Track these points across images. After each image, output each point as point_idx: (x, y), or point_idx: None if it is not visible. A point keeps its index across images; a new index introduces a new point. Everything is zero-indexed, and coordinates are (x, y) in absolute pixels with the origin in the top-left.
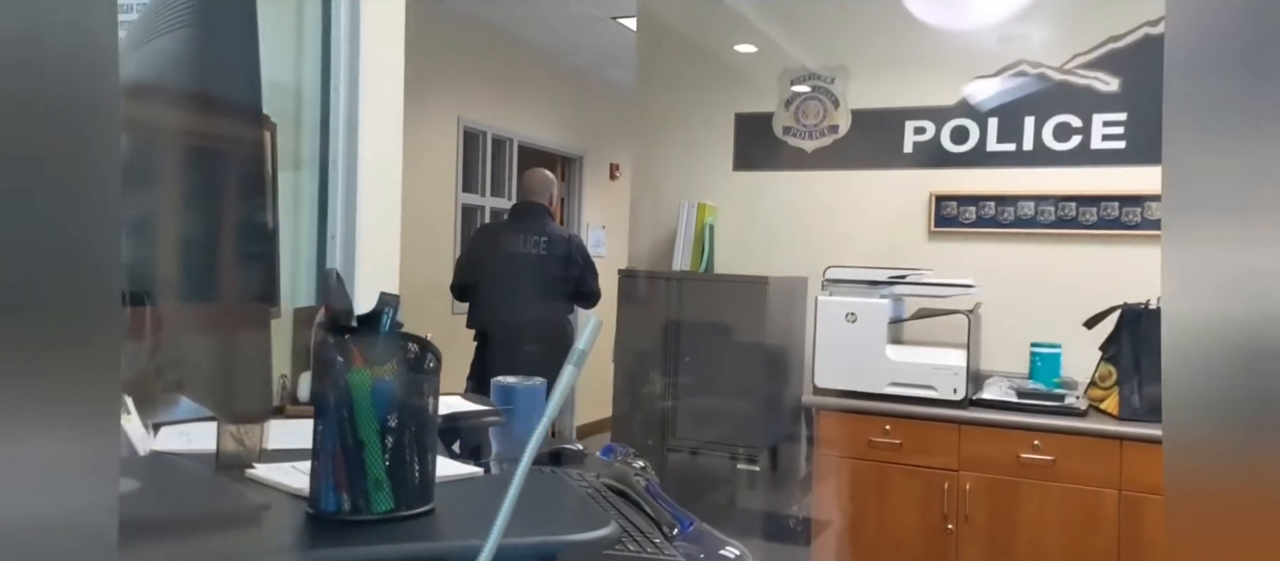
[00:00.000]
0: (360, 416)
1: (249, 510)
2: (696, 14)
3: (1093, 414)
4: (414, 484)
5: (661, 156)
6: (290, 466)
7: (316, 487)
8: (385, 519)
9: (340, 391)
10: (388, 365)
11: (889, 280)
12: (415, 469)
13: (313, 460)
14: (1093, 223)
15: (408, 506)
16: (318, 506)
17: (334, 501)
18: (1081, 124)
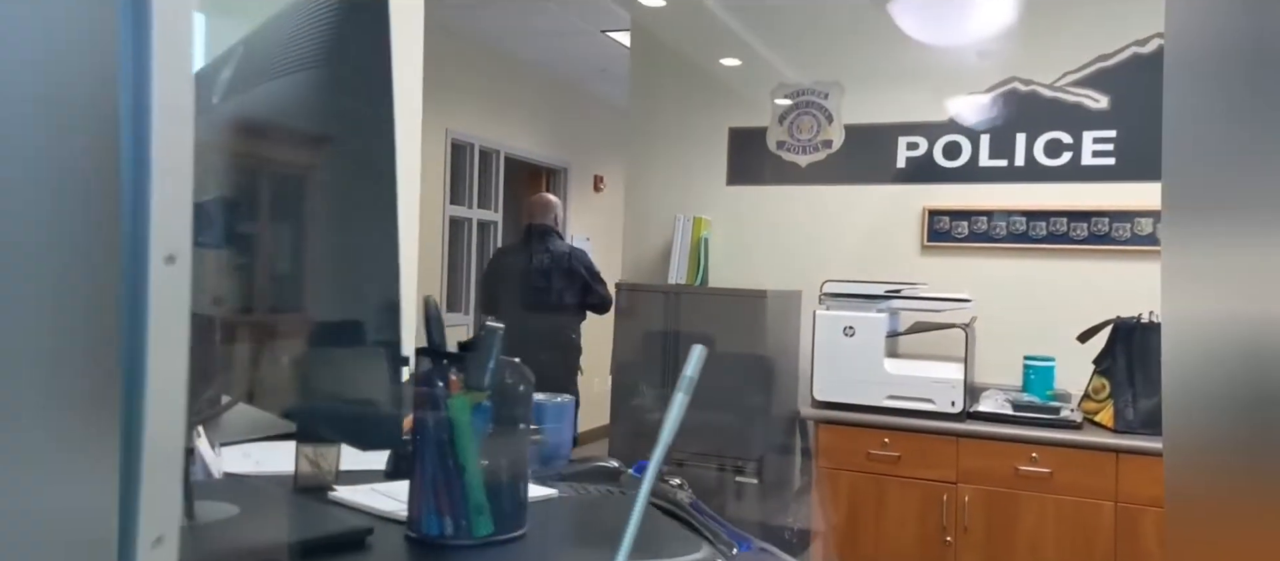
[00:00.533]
0: (460, 441)
1: (355, 534)
2: (690, 29)
3: (1087, 426)
4: (510, 507)
5: (655, 170)
6: (369, 489)
7: (417, 511)
8: (485, 543)
9: (440, 417)
10: (484, 390)
11: (886, 294)
12: (511, 493)
13: (412, 484)
14: (1083, 238)
15: (505, 530)
16: (420, 530)
17: (437, 525)
18: (1072, 141)
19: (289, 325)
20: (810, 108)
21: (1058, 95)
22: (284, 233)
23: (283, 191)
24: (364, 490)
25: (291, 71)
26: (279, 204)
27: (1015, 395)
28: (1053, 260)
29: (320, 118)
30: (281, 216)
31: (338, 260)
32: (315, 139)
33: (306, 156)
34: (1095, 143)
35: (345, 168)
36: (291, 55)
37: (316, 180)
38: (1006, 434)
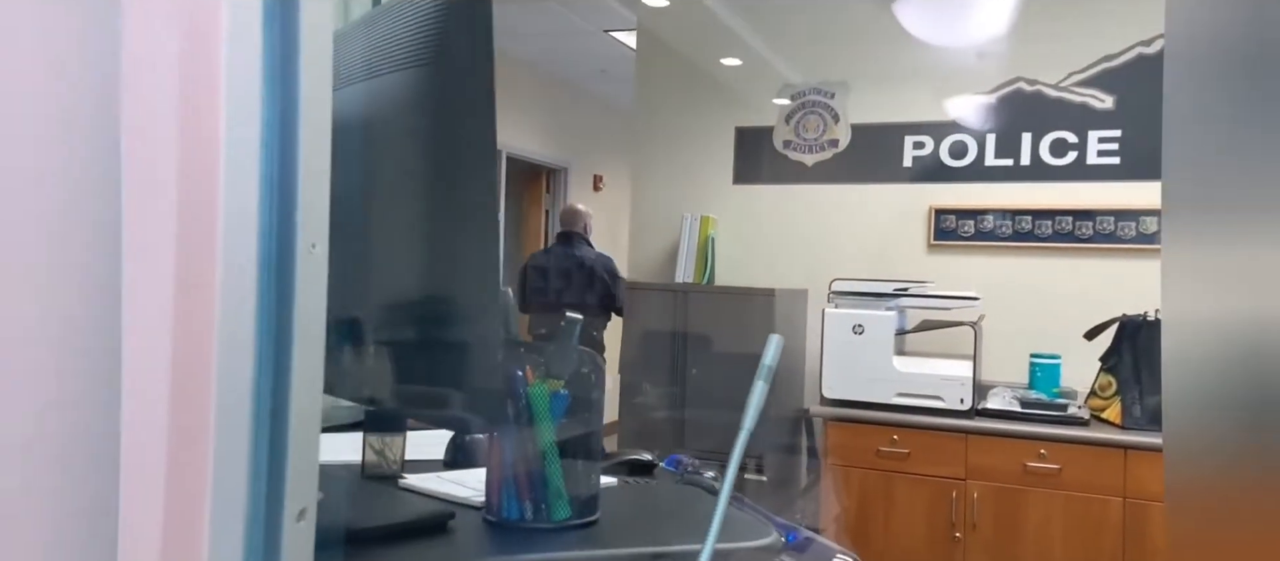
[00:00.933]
0: (540, 428)
1: (440, 517)
2: (695, 29)
3: (1094, 423)
4: (585, 492)
5: (661, 170)
6: (436, 477)
7: (496, 496)
8: (563, 527)
9: (521, 404)
10: (561, 379)
11: (894, 292)
12: (585, 478)
13: (489, 469)
14: (1089, 237)
15: (581, 514)
16: (500, 514)
17: (517, 509)
18: (1078, 140)
19: (391, 316)
20: (816, 107)
21: (1063, 95)
22: (388, 227)
23: (386, 186)
24: (431, 478)
25: (395, 70)
26: (382, 199)
27: (1022, 392)
28: (1058, 259)
29: (425, 114)
30: (385, 211)
31: (441, 252)
32: (420, 134)
33: (411, 151)
34: (1100, 142)
35: (448, 162)
36: (394, 54)
37: (419, 175)
38: (1015, 431)
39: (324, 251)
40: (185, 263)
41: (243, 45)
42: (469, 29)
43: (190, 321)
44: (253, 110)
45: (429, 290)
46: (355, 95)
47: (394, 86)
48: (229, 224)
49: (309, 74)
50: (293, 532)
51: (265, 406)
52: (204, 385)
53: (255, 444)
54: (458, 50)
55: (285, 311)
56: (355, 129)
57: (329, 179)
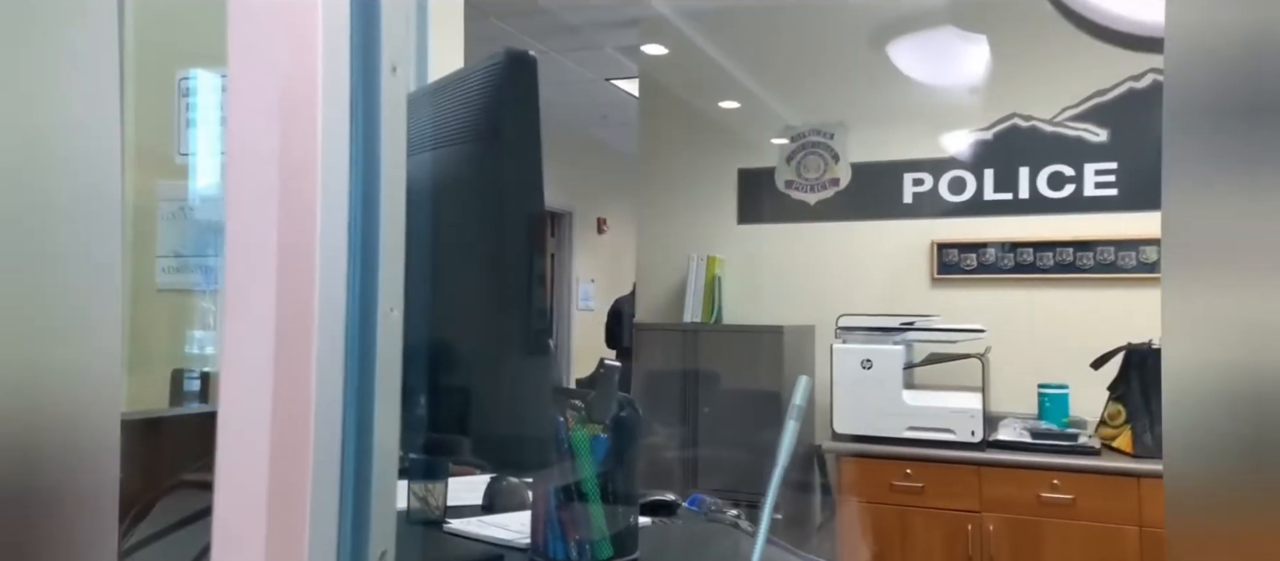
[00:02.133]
0: (583, 471)
1: (490, 557)
2: (695, 75)
3: (1106, 452)
4: (625, 532)
5: (666, 212)
6: (477, 521)
7: (542, 537)
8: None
9: (563, 449)
10: (602, 423)
11: (901, 326)
12: (625, 518)
13: (534, 511)
14: (1090, 267)
15: (622, 553)
16: (546, 554)
17: (562, 550)
18: (1074, 173)
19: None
20: (816, 147)
21: (1058, 129)
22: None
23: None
24: (474, 522)
25: (449, 144)
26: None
27: (1032, 423)
28: (1061, 289)
29: (477, 184)
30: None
31: (491, 310)
32: (473, 202)
33: (464, 217)
34: (1097, 174)
35: (499, 226)
36: (448, 128)
37: (474, 239)
38: (1027, 461)
39: (400, 315)
40: (284, 325)
41: (333, 135)
42: (516, 101)
43: (289, 377)
44: (341, 189)
45: (482, 348)
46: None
47: (448, 159)
48: (324, 290)
49: (387, 155)
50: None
51: (351, 456)
52: (303, 437)
53: (343, 490)
54: (507, 122)
55: (368, 368)
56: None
57: (403, 250)
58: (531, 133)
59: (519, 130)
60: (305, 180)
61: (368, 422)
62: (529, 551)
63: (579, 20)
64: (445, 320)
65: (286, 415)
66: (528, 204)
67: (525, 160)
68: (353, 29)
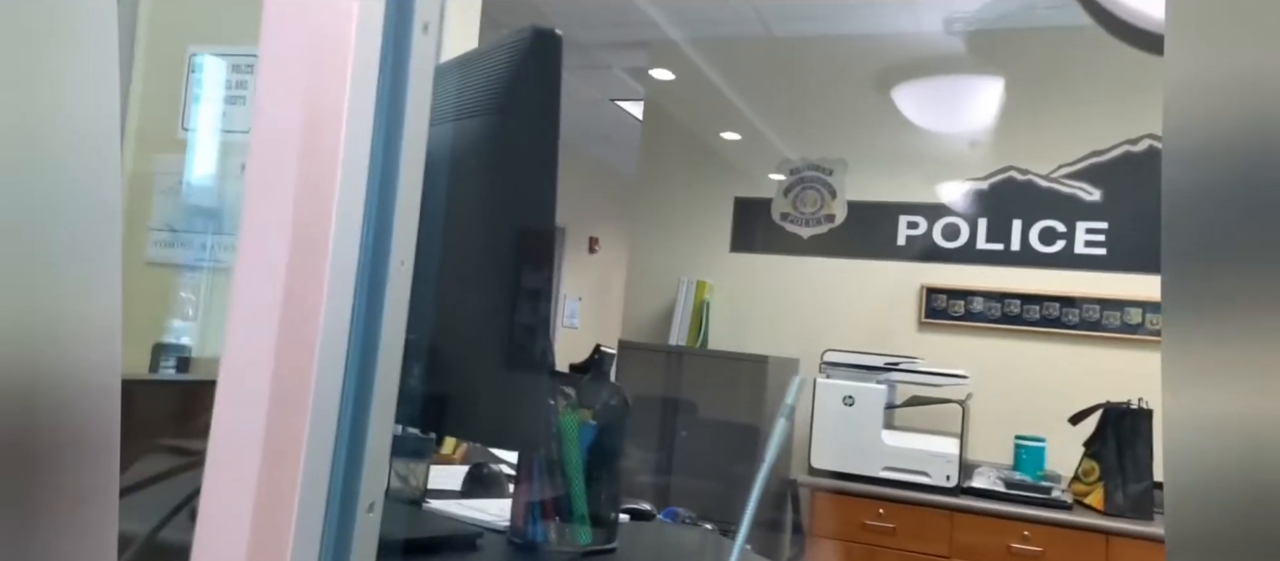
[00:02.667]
0: (569, 456)
1: (470, 535)
2: (699, 103)
3: (1078, 507)
4: (606, 521)
5: (661, 234)
6: (456, 503)
7: (522, 518)
8: (584, 551)
9: (552, 432)
10: (591, 410)
11: (885, 366)
12: (607, 506)
13: (516, 493)
14: (1075, 323)
15: (601, 541)
16: (526, 536)
17: (542, 533)
18: (1066, 230)
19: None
20: (814, 182)
21: (1053, 186)
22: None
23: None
24: (453, 504)
25: (471, 115)
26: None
27: (1007, 473)
28: (1045, 343)
29: (494, 157)
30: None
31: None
32: (488, 174)
33: (478, 189)
34: (1088, 233)
35: (512, 200)
36: (471, 99)
37: (484, 211)
38: (999, 511)
39: (410, 268)
40: (297, 265)
41: (361, 85)
42: (539, 80)
43: (297, 320)
44: (365, 136)
45: (484, 320)
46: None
47: (470, 129)
48: (339, 235)
49: (412, 110)
50: (364, 522)
51: (350, 405)
52: (305, 379)
53: (339, 434)
54: (527, 100)
55: (375, 318)
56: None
57: (419, 204)
58: (552, 109)
59: (540, 106)
60: (330, 122)
61: (370, 369)
62: (508, 533)
63: (589, 39)
64: (449, 289)
65: (291, 350)
66: (542, 178)
67: (544, 136)
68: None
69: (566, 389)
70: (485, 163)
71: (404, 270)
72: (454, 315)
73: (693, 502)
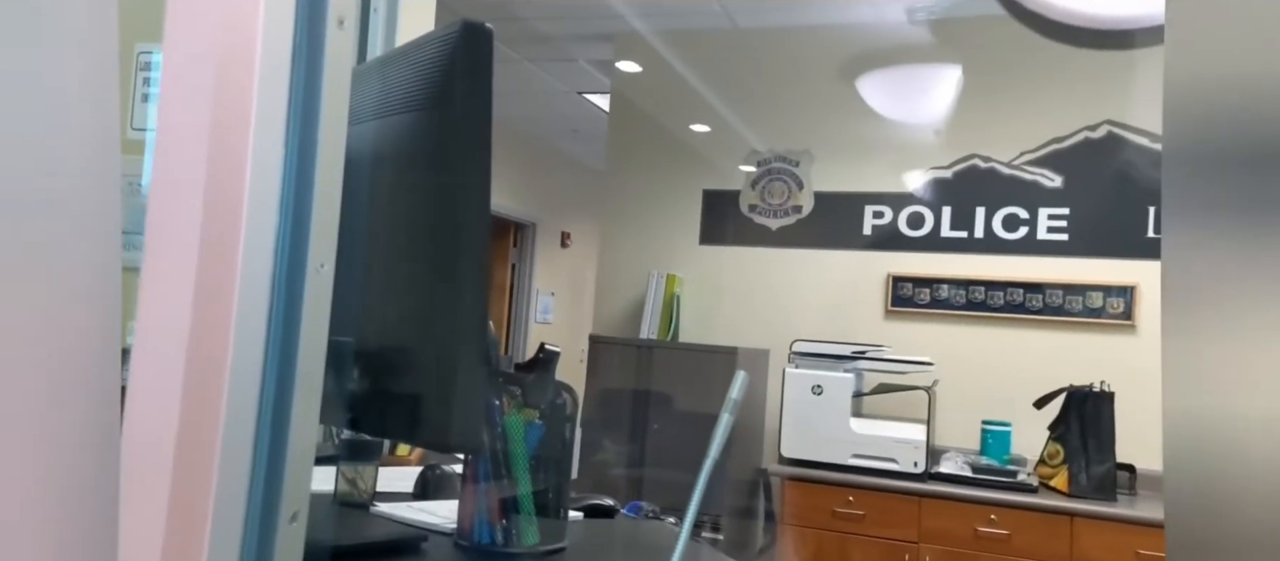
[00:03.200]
0: (515, 456)
1: (414, 537)
2: (667, 95)
3: (1043, 490)
4: (554, 520)
5: (630, 228)
6: (406, 506)
7: (469, 520)
8: (532, 552)
9: (496, 433)
10: (537, 409)
11: (853, 355)
12: (555, 506)
13: (463, 494)
14: (1038, 309)
15: (549, 540)
16: (471, 537)
17: (488, 534)
18: (1028, 216)
19: (381, 342)
20: (781, 174)
21: (1015, 173)
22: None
23: (385, 220)
24: (402, 506)
25: (401, 111)
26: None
27: (974, 458)
28: (1009, 329)
29: (426, 154)
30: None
31: (431, 285)
32: (419, 172)
33: (410, 187)
34: (1050, 219)
35: (444, 199)
36: (401, 95)
37: (416, 210)
38: (966, 495)
39: (330, 271)
40: (207, 269)
41: (272, 80)
42: (470, 75)
43: (207, 325)
44: (277, 136)
45: (419, 320)
46: (364, 133)
47: (400, 126)
48: (250, 238)
49: (328, 108)
50: (286, 533)
51: (268, 412)
52: (217, 387)
53: (257, 447)
54: (458, 95)
55: (293, 324)
56: (361, 164)
57: (339, 206)
58: (483, 104)
59: (471, 101)
60: (239, 121)
61: (289, 374)
62: (454, 535)
63: (554, 31)
64: (382, 290)
65: (202, 361)
66: (475, 174)
67: (476, 131)
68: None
69: (512, 388)
70: (417, 160)
71: (324, 273)
72: (389, 316)
73: (665, 496)
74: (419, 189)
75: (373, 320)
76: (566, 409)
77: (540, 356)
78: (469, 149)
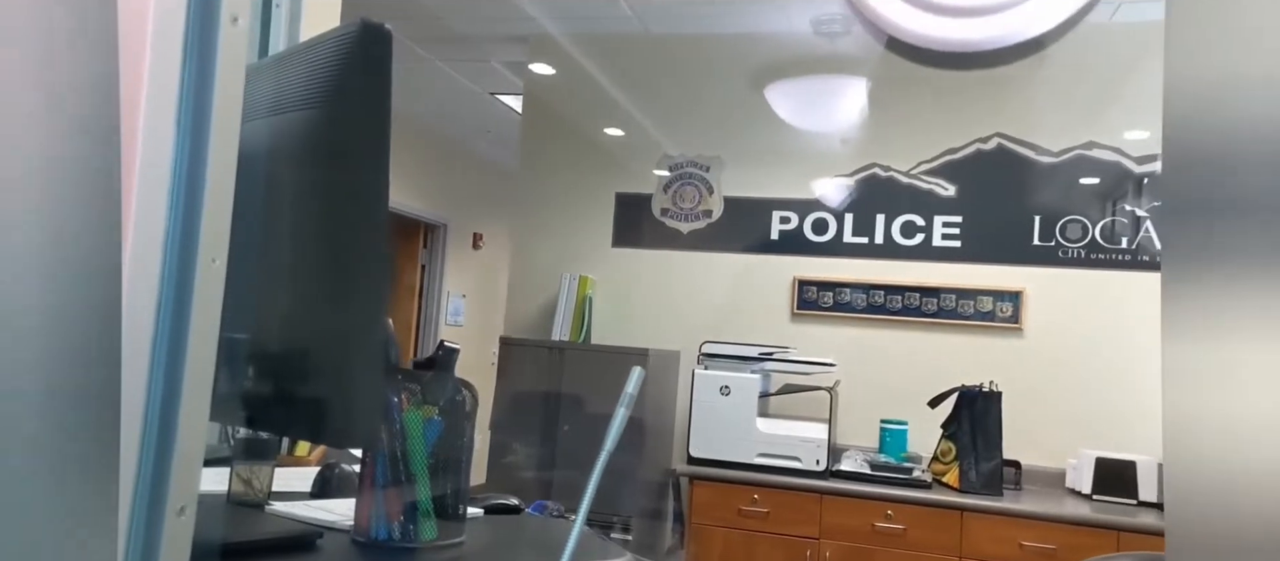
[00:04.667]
0: (413, 452)
1: (307, 535)
2: (580, 99)
3: (936, 486)
4: (453, 515)
5: (542, 230)
6: (303, 504)
7: (365, 517)
8: (429, 547)
9: (395, 430)
10: (436, 405)
11: (760, 356)
12: (454, 501)
13: (360, 491)
14: (934, 312)
15: (448, 536)
16: (368, 535)
17: (384, 530)
18: (924, 224)
19: (277, 338)
20: (692, 179)
21: (913, 182)
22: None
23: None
24: (299, 505)
25: (299, 108)
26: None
27: (872, 456)
28: (907, 331)
29: (324, 151)
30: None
31: (329, 281)
32: (317, 169)
33: (308, 185)
34: (944, 226)
35: (342, 196)
36: (299, 92)
37: (315, 207)
38: (865, 491)
39: (222, 266)
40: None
41: (162, 79)
42: (368, 74)
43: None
44: (167, 131)
45: (316, 316)
46: (261, 129)
47: (297, 123)
48: (139, 232)
49: (221, 104)
50: (174, 527)
51: (157, 404)
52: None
53: (144, 439)
54: (356, 94)
55: (183, 318)
56: (258, 162)
57: (232, 201)
58: (381, 103)
59: (369, 100)
60: (127, 118)
61: (177, 372)
62: (351, 532)
63: (466, 31)
64: (280, 286)
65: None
66: (372, 172)
67: (373, 130)
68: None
69: (411, 385)
70: (315, 157)
71: (216, 269)
72: (287, 312)
73: (575, 496)
74: (317, 186)
75: (270, 317)
76: (465, 406)
77: (439, 354)
78: (366, 147)
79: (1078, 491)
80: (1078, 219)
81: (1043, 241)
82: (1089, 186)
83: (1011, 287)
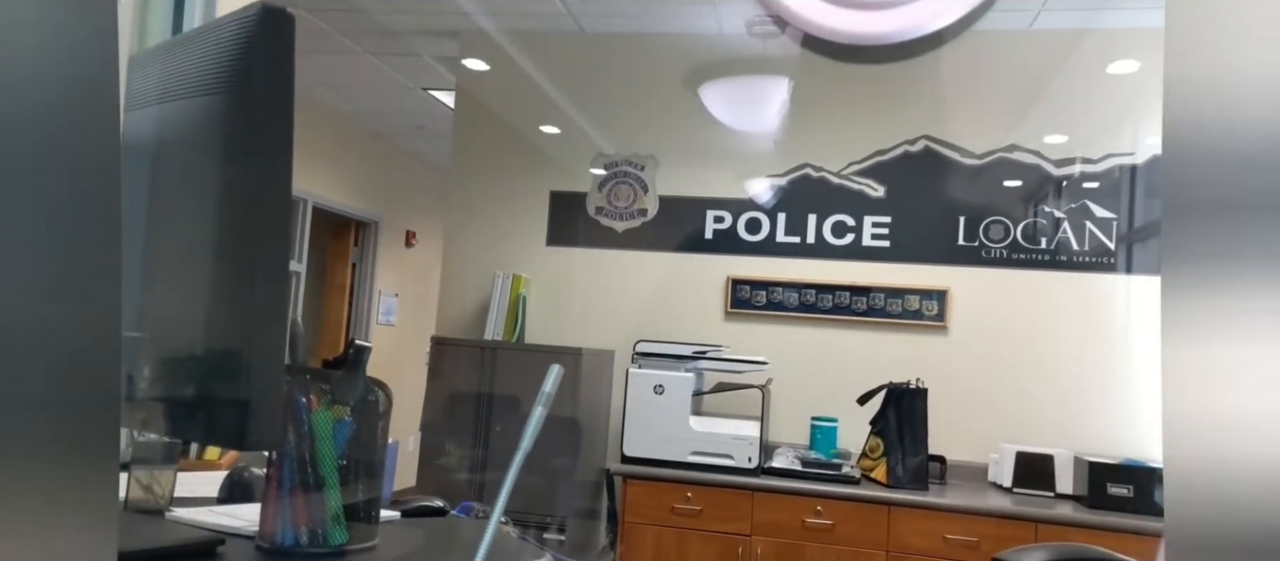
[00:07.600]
0: (322, 455)
1: (206, 542)
2: (515, 95)
3: (865, 482)
4: (365, 519)
5: (475, 228)
6: (208, 510)
7: (271, 523)
8: (339, 552)
9: (303, 431)
10: (347, 406)
11: (693, 355)
12: (366, 505)
13: (266, 496)
14: (863, 311)
15: (359, 540)
16: (274, 541)
17: (291, 535)
18: (855, 223)
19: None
20: (627, 178)
21: (843, 182)
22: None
23: (176, 209)
24: (203, 511)
25: (194, 95)
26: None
27: (803, 452)
28: (837, 330)
29: (222, 140)
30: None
31: (228, 276)
32: (215, 159)
33: (204, 175)
34: (874, 226)
35: (241, 187)
36: (192, 80)
37: (212, 198)
38: (795, 488)
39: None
40: None
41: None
42: (270, 59)
43: None
44: None
45: (215, 313)
46: (155, 116)
47: (196, 109)
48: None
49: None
50: None
51: None
52: None
53: None
54: (257, 80)
55: None
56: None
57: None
58: (284, 89)
59: (271, 86)
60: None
61: None
62: (256, 539)
63: (398, 25)
64: (176, 281)
65: None
66: (274, 161)
67: (275, 117)
68: None
69: (321, 385)
70: (213, 146)
71: None
72: (184, 309)
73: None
74: (215, 176)
75: (165, 314)
76: (379, 406)
77: (350, 352)
78: (268, 135)
79: (999, 485)
80: (1000, 220)
81: (967, 241)
82: (1011, 188)
83: (937, 286)
